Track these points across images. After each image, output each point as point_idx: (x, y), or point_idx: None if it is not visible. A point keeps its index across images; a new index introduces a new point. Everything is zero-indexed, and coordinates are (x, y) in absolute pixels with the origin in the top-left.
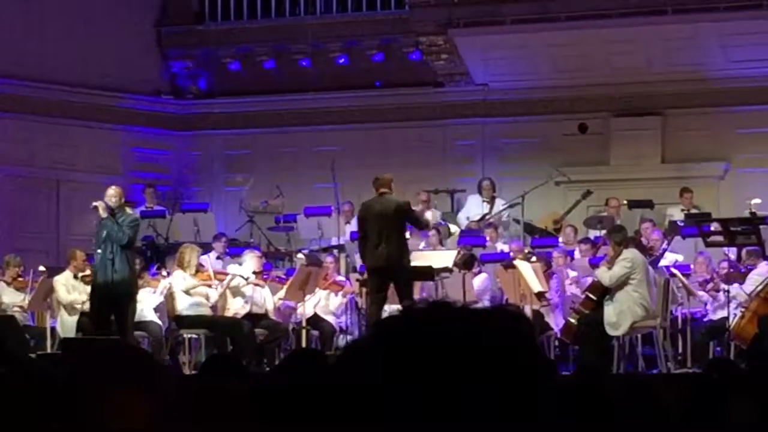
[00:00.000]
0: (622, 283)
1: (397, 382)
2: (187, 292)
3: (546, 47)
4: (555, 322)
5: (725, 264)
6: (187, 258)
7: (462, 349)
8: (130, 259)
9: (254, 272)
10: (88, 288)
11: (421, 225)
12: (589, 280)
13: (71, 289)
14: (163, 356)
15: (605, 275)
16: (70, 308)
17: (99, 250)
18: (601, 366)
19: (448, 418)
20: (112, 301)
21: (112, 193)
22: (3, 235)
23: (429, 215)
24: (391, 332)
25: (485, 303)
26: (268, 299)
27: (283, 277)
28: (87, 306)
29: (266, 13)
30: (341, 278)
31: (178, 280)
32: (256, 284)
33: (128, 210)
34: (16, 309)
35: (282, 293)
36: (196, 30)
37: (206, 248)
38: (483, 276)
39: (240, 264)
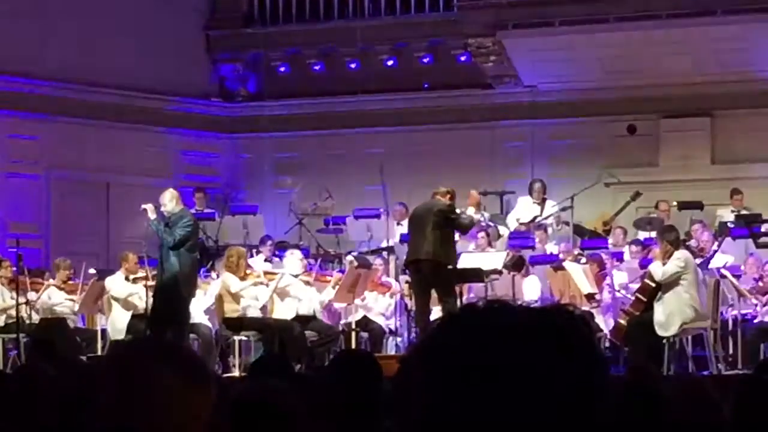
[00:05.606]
0: (672, 283)
1: (459, 384)
2: (237, 294)
3: (595, 49)
4: (605, 323)
5: None
6: (235, 260)
7: (521, 348)
8: (185, 259)
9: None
10: (140, 289)
11: (462, 228)
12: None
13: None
14: (214, 359)
15: (659, 270)
16: (124, 303)
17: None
18: (652, 366)
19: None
20: (171, 301)
21: (168, 197)
22: (53, 238)
23: (470, 211)
24: (450, 331)
25: (536, 305)
26: (314, 299)
27: (326, 270)
28: (141, 305)
29: (315, 15)
30: (387, 279)
31: (227, 282)
32: (306, 282)
33: (181, 211)
34: (66, 311)
35: (331, 294)
36: (245, 33)
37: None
38: (534, 278)
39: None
